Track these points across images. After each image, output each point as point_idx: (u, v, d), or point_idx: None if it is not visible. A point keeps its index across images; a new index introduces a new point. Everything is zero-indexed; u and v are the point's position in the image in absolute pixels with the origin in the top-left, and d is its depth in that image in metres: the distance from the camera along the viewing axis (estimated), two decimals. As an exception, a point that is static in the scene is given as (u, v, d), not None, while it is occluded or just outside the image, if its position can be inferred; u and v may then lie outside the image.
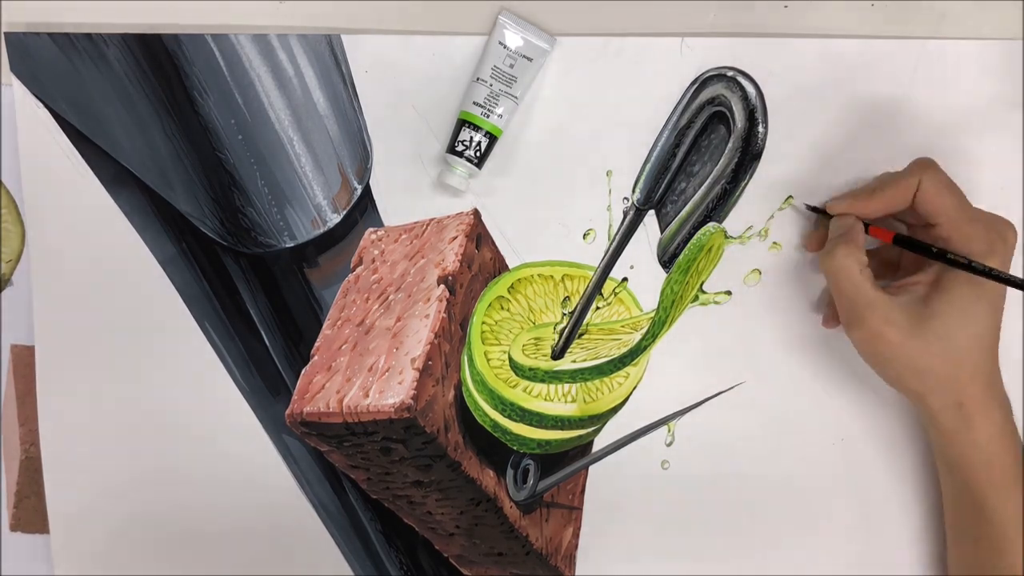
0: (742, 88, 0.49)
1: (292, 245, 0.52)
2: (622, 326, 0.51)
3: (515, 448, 0.51)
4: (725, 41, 0.49)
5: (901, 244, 0.45)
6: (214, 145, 0.51)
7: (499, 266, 0.52)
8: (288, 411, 0.49)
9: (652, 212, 0.51)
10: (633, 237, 0.51)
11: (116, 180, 0.52)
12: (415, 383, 0.46)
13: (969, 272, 0.43)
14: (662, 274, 0.51)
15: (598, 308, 0.52)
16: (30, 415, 0.54)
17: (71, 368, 0.53)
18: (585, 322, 0.51)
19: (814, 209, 0.50)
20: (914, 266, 0.47)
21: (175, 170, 0.51)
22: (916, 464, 0.52)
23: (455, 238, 0.50)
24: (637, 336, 0.51)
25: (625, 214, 0.51)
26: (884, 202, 0.45)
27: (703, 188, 0.50)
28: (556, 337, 0.51)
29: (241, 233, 0.52)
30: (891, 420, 0.52)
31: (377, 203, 0.52)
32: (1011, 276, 0.42)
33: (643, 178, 0.51)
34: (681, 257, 0.51)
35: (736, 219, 0.51)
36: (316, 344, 0.51)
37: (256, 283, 0.52)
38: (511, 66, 0.49)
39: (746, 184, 0.50)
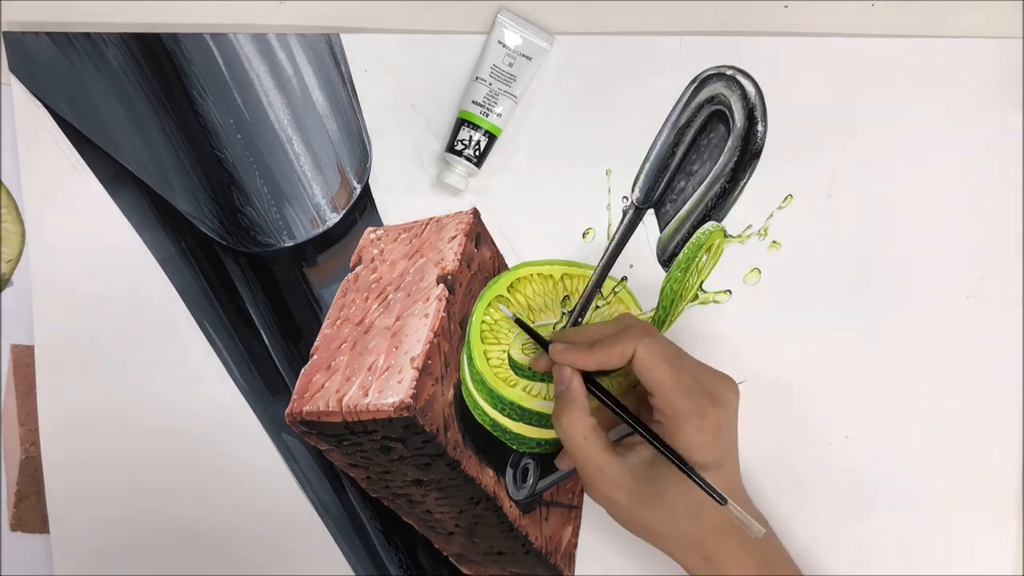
0: (741, 87, 0.49)
1: (291, 244, 0.52)
2: (621, 325, 0.51)
3: (514, 447, 0.51)
4: (725, 40, 0.49)
5: (611, 407, 0.44)
6: (213, 144, 0.51)
7: (498, 265, 0.52)
8: (288, 410, 0.49)
9: (651, 211, 0.51)
10: (632, 236, 0.51)
11: (115, 179, 0.52)
12: (414, 382, 0.46)
13: (658, 449, 0.42)
14: (662, 273, 0.51)
15: (598, 307, 0.52)
16: (30, 415, 0.54)
17: (71, 368, 0.53)
18: (585, 321, 0.51)
19: (534, 336, 0.48)
20: (648, 416, 0.45)
21: (174, 169, 0.51)
22: (916, 462, 0.52)
23: (454, 237, 0.50)
24: (636, 335, 0.51)
25: (624, 213, 0.51)
26: (597, 361, 0.43)
27: (702, 187, 0.50)
28: (555, 336, 0.51)
29: (240, 232, 0.52)
30: (891, 419, 0.52)
31: (376, 202, 0.52)
32: (693, 474, 0.41)
33: (642, 177, 0.51)
34: (680, 256, 0.51)
35: (735, 218, 0.51)
36: (315, 343, 0.51)
37: (255, 282, 0.52)
38: (510, 65, 0.49)
39: (745, 183, 0.50)
